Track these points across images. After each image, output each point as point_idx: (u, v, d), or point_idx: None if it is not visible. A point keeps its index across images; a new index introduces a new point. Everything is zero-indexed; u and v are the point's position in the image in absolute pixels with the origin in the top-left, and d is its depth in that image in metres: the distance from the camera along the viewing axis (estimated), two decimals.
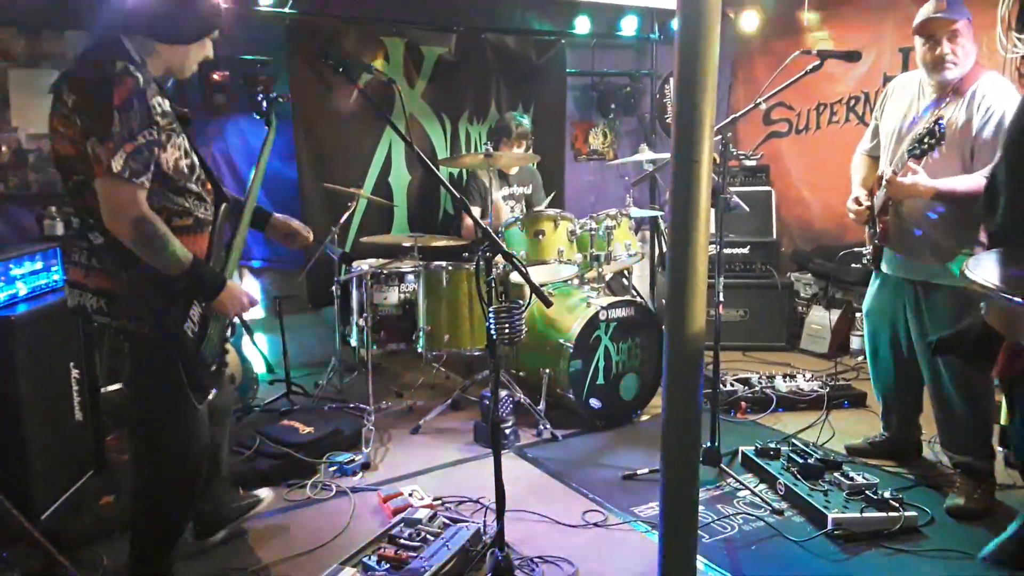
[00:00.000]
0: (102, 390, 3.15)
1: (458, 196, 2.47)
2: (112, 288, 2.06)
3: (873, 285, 3.30)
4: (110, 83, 1.91)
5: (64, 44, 4.07)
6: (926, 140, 2.74)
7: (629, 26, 5.74)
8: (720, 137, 3.12)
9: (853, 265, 4.85)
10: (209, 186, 2.26)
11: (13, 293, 2.76)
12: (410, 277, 4.13)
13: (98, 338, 2.16)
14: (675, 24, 1.64)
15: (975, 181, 2.71)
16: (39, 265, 2.93)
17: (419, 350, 4.05)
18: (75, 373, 2.96)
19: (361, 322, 4.02)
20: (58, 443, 2.83)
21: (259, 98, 2.61)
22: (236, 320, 2.37)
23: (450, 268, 3.96)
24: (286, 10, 4.48)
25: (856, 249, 4.35)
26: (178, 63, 2.17)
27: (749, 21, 5.74)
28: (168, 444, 2.23)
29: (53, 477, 2.80)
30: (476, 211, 4.46)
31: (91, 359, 3.04)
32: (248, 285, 4.80)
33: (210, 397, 2.26)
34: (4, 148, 3.98)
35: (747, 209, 3.68)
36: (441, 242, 4.35)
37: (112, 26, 2.07)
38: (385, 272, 4.10)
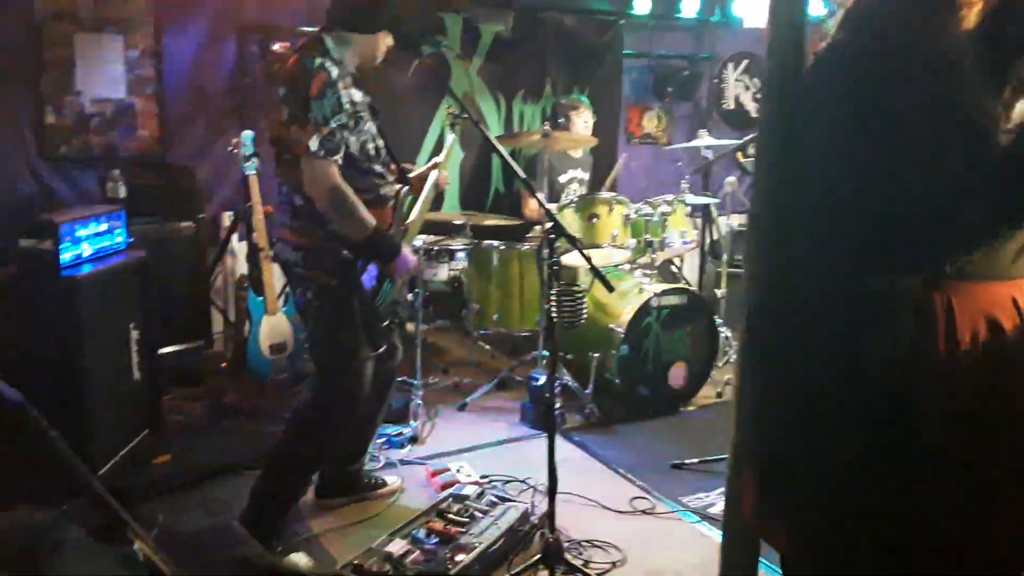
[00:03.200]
0: (159, 351, 3.21)
1: (522, 174, 2.46)
2: (307, 243, 2.41)
3: None
4: (308, 76, 2.28)
5: (130, 9, 4.10)
6: None
7: (689, 8, 5.59)
8: None
9: None
10: (394, 167, 2.60)
11: (78, 254, 2.80)
12: (460, 255, 4.12)
13: (293, 288, 2.56)
14: (734, 9, 1.60)
15: None
16: (104, 227, 2.97)
17: (467, 328, 4.05)
18: (135, 334, 3.01)
19: (411, 297, 4.02)
20: (116, 401, 2.89)
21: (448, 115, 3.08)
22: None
23: (501, 248, 3.94)
24: None
25: None
26: (370, 52, 2.51)
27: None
28: (337, 386, 2.49)
29: (111, 435, 2.86)
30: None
31: (150, 320, 3.09)
32: None
33: (380, 351, 2.54)
34: (69, 111, 4.04)
35: None
36: (493, 221, 4.33)
37: (319, 27, 2.47)
38: (436, 249, 4.10)
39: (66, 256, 2.73)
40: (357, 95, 2.40)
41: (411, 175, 2.75)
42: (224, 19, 4.21)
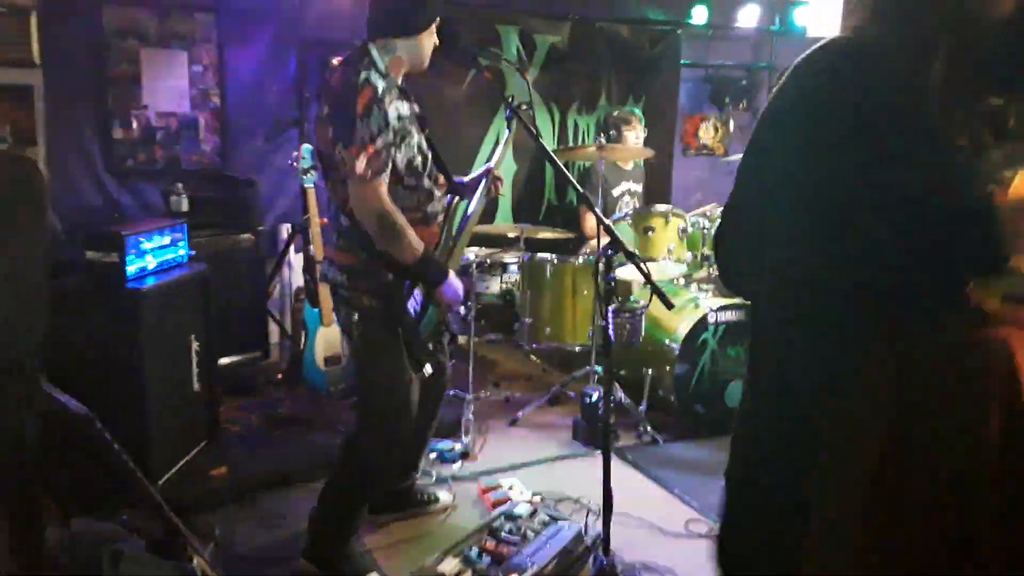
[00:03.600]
0: (219, 362, 3.25)
1: (581, 191, 2.43)
2: (353, 264, 2.34)
3: None
4: (354, 94, 2.16)
5: (194, 25, 4.21)
6: None
7: (748, 17, 5.53)
8: None
9: None
10: (442, 179, 2.47)
11: (143, 266, 2.86)
12: (513, 268, 4.09)
13: (338, 308, 2.49)
14: (796, 18, 1.50)
15: None
16: (167, 240, 3.03)
17: (518, 342, 4.03)
18: (195, 345, 3.06)
19: (463, 310, 4.01)
20: (176, 412, 2.94)
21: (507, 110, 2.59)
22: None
23: (555, 261, 3.90)
24: None
25: None
26: (416, 56, 2.38)
27: None
28: (381, 410, 2.43)
29: (169, 445, 2.91)
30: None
31: (211, 331, 3.14)
32: None
33: (425, 372, 2.44)
34: (135, 125, 4.15)
35: None
36: (546, 234, 4.31)
37: (363, 37, 2.34)
38: (489, 262, 4.08)
39: (131, 269, 2.79)
40: (404, 108, 2.30)
41: (464, 180, 2.68)
42: (285, 35, 4.28)
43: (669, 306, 2.28)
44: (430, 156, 2.42)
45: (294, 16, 4.26)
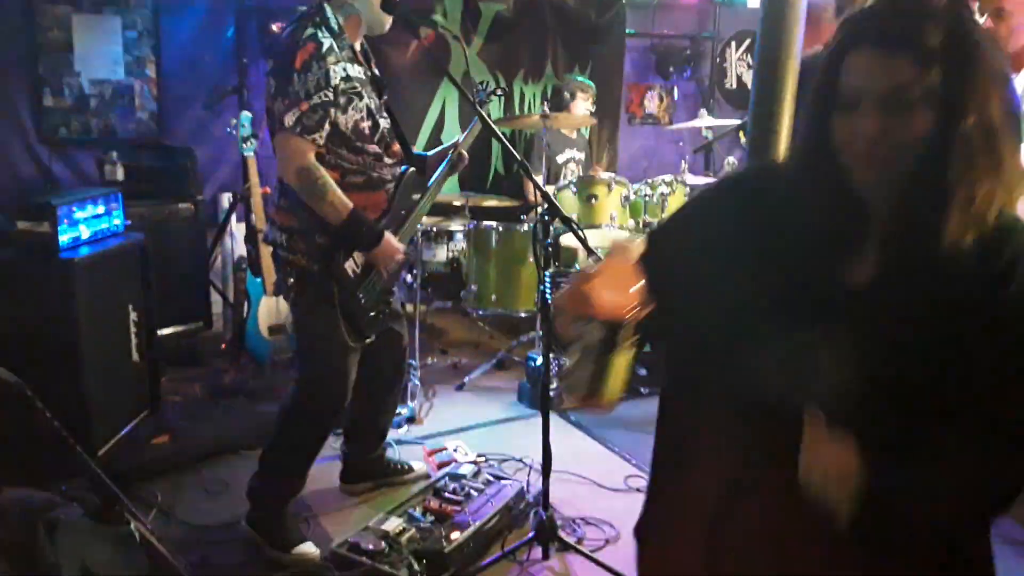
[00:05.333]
0: (158, 332, 3.22)
1: (519, 158, 2.45)
2: (291, 225, 2.30)
3: None
4: (295, 48, 2.16)
5: None
6: None
7: None
8: None
9: None
10: (396, 148, 2.45)
11: (76, 236, 2.81)
12: (459, 236, 4.12)
13: (278, 270, 2.47)
14: None
15: None
16: (101, 209, 2.98)
17: (466, 308, 4.06)
18: (133, 315, 3.03)
19: (410, 278, 4.03)
20: (115, 383, 2.91)
21: (477, 91, 2.78)
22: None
23: (500, 229, 3.94)
24: None
25: None
26: (374, 15, 2.32)
27: None
28: (316, 375, 2.41)
29: (109, 416, 2.88)
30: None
31: (149, 301, 3.11)
32: None
33: (367, 342, 2.42)
34: (67, 92, 4.04)
35: None
36: (492, 202, 4.33)
37: None
38: (435, 230, 4.09)
39: (64, 239, 2.74)
40: (355, 70, 2.28)
41: (427, 154, 2.68)
42: (222, 0, 4.19)
43: None
44: (384, 123, 2.39)
45: None
